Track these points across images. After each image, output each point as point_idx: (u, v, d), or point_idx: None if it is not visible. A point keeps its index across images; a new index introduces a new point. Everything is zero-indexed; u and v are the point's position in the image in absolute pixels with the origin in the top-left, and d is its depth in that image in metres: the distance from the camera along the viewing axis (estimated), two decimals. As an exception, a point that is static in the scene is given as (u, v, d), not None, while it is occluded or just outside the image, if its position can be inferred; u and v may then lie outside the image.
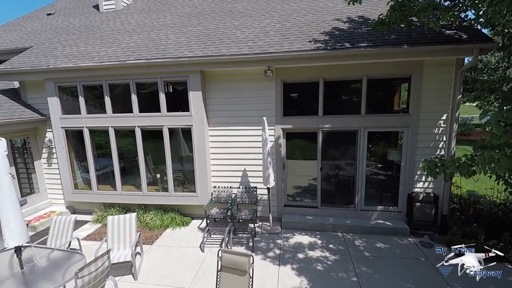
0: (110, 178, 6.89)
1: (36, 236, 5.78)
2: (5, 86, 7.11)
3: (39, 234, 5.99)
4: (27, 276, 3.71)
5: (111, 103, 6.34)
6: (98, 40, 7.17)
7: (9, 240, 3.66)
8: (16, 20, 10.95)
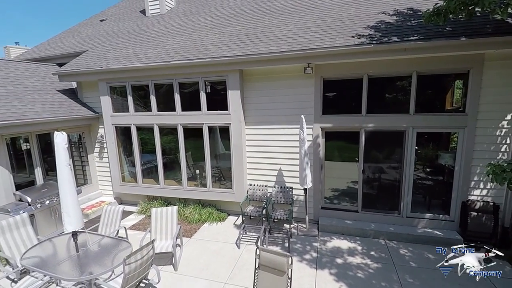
0: (154, 173, 7.30)
1: (88, 223, 6.33)
2: (65, 86, 7.90)
3: (91, 221, 6.56)
4: (81, 259, 4.05)
5: (156, 102, 6.69)
6: (145, 42, 7.63)
7: (68, 225, 4.06)
8: (74, 26, 12.15)
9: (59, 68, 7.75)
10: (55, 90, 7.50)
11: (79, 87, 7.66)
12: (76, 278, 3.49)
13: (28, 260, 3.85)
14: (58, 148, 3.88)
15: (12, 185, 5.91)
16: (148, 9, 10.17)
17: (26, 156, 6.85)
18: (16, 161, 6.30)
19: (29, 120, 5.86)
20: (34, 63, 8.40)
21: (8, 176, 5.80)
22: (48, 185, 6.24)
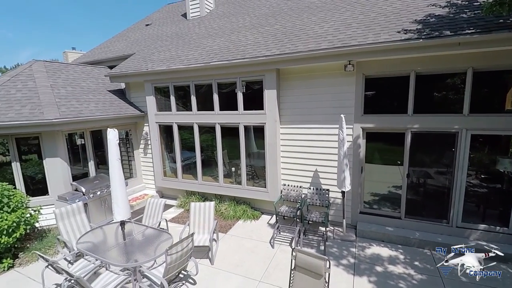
0: (192, 169, 7.62)
1: (133, 214, 6.82)
2: (115, 86, 8.59)
3: (135, 212, 7.05)
4: (127, 246, 4.37)
5: (196, 102, 6.97)
6: (186, 44, 7.98)
7: (117, 215, 4.41)
8: (123, 31, 13.16)
9: (110, 70, 8.44)
10: (107, 90, 8.19)
11: (127, 88, 8.28)
12: (124, 264, 3.78)
13: (82, 245, 4.26)
14: (110, 144, 4.24)
15: (70, 176, 6.59)
16: (189, 12, 10.62)
17: (81, 150, 7.60)
18: (73, 155, 7.00)
19: (85, 117, 6.49)
20: (89, 66, 9.26)
21: (67, 168, 6.48)
22: (100, 177, 6.85)
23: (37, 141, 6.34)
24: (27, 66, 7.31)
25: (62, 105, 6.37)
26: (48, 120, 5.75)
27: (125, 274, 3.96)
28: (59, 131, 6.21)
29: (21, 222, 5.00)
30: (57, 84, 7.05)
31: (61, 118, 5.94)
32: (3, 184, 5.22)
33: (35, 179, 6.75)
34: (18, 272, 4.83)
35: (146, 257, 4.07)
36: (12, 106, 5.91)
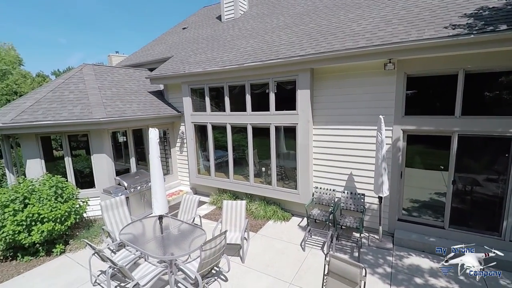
0: (224, 167, 7.80)
1: (169, 209, 7.11)
2: (155, 88, 9.09)
3: (171, 207, 7.39)
4: (164, 240, 4.60)
5: (229, 102, 7.11)
6: (221, 47, 8.18)
7: (156, 209, 4.66)
8: (161, 35, 13.86)
9: (150, 72, 8.96)
10: (147, 91, 8.70)
11: (166, 89, 8.72)
12: (162, 257, 3.98)
13: (124, 236, 4.57)
14: (151, 142, 4.50)
15: (114, 171, 7.12)
16: (224, 14, 10.87)
17: (123, 147, 8.17)
18: (115, 151, 7.55)
19: (128, 117, 6.96)
20: (131, 69, 9.91)
21: (111, 164, 7.01)
22: (140, 173, 7.30)
23: (86, 138, 6.95)
24: (78, 69, 8.04)
25: (108, 105, 6.91)
26: (96, 119, 6.28)
27: (162, 266, 4.17)
28: (105, 129, 6.74)
29: (72, 212, 5.52)
30: (103, 86, 7.66)
31: (107, 117, 6.44)
32: (58, 177, 5.79)
33: (83, 173, 7.40)
34: (68, 257, 5.33)
35: (181, 251, 4.26)
36: (66, 106, 6.54)
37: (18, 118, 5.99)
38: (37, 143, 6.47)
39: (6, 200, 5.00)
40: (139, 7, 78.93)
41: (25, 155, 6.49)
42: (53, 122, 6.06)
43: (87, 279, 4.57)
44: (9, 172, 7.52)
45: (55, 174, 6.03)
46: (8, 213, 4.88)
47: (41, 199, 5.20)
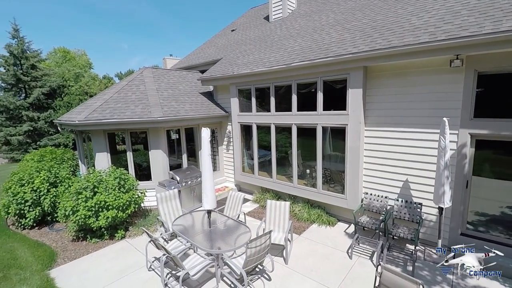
0: (267, 167, 7.86)
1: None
2: (205, 89, 9.57)
3: (217, 203, 7.67)
4: (212, 234, 4.82)
5: (274, 103, 7.13)
6: (268, 47, 8.24)
7: (205, 204, 4.90)
8: (211, 38, 14.50)
9: (201, 74, 9.45)
10: (198, 92, 9.20)
11: (215, 90, 9.12)
12: (209, 250, 4.18)
13: (176, 227, 4.91)
14: (203, 141, 4.75)
15: (168, 166, 7.69)
16: (272, 14, 10.91)
17: (176, 144, 8.77)
18: (169, 148, 8.14)
19: (181, 116, 7.45)
20: (184, 71, 10.57)
21: (166, 159, 7.58)
22: (190, 169, 7.76)
23: (145, 135, 7.63)
24: (139, 72, 8.85)
25: (164, 106, 7.48)
26: (154, 118, 6.85)
27: (210, 259, 4.38)
28: (161, 127, 7.32)
29: (132, 202, 6.11)
30: (161, 88, 8.32)
31: (164, 116, 6.98)
32: (121, 169, 6.47)
33: (141, 166, 8.15)
34: (127, 242, 5.93)
35: (227, 246, 4.43)
36: (129, 106, 7.26)
37: (90, 116, 6.84)
38: (104, 138, 7.32)
39: (80, 188, 5.76)
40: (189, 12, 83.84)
41: (94, 149, 7.39)
42: (118, 120, 6.79)
43: (143, 264, 5.02)
44: (81, 163, 8.66)
45: (118, 166, 6.75)
46: (81, 199, 5.61)
47: (107, 188, 5.87)
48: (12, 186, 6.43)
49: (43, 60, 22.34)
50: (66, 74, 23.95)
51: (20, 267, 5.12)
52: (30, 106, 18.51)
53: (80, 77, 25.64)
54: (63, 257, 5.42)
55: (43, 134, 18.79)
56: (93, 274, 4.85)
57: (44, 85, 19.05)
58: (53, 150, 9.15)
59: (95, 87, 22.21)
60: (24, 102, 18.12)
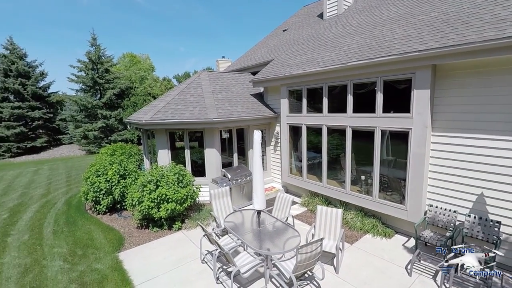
0: (316, 169, 7.66)
1: (263, 204, 7.58)
2: (255, 90, 9.75)
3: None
4: (261, 234, 4.89)
5: (327, 104, 6.90)
6: (322, 46, 8.00)
7: (256, 204, 5.00)
8: (263, 39, 14.68)
9: (252, 76, 9.64)
10: (249, 94, 9.42)
11: (265, 91, 9.22)
12: (259, 250, 4.24)
13: (227, 223, 5.11)
14: (255, 143, 4.86)
15: (220, 163, 8.05)
16: (326, 11, 10.56)
17: (227, 143, 9.12)
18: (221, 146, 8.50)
19: (234, 118, 7.72)
20: (237, 73, 10.92)
21: (219, 157, 7.95)
22: (241, 167, 8.01)
23: (200, 134, 8.11)
24: (197, 75, 9.43)
25: (219, 107, 7.85)
26: (210, 119, 7.24)
27: (259, 259, 4.45)
28: (216, 128, 7.70)
29: (189, 196, 6.56)
30: (216, 90, 8.74)
31: (219, 118, 7.33)
32: (180, 166, 6.99)
33: (197, 163, 8.68)
34: (183, 234, 6.38)
35: (276, 248, 4.45)
36: (188, 108, 7.79)
37: (155, 116, 7.53)
38: (166, 136, 7.99)
39: (145, 181, 6.39)
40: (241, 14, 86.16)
41: (157, 145, 8.12)
42: (178, 121, 7.34)
43: (197, 256, 5.36)
44: (145, 158, 9.59)
45: (176, 162, 7.31)
46: (146, 192, 6.23)
47: (168, 183, 6.40)
48: (90, 176, 7.45)
49: (115, 64, 25.36)
50: (133, 77, 26.84)
51: (95, 247, 5.91)
52: (104, 105, 21.21)
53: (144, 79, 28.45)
54: (129, 242, 6.10)
55: (113, 130, 21.37)
56: (153, 260, 5.34)
57: (115, 87, 21.64)
58: (122, 146, 10.34)
59: (156, 88, 24.40)
60: (99, 102, 20.85)
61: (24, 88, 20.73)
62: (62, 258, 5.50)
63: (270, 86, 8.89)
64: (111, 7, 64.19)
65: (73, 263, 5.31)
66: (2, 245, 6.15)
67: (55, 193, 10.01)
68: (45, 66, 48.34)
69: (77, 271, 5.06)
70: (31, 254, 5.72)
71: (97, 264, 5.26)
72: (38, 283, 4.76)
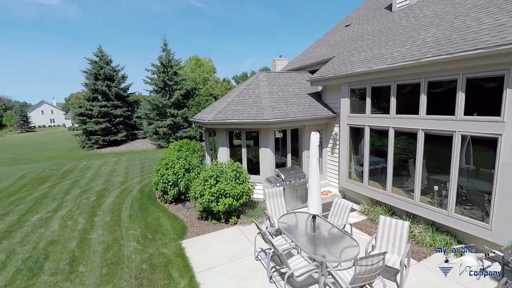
0: (379, 176, 7.09)
1: (318, 208, 7.37)
2: (313, 90, 9.49)
3: (320, 206, 7.58)
4: (315, 239, 4.76)
5: (395, 104, 6.31)
6: (391, 41, 7.33)
7: (311, 208, 4.89)
8: (322, 36, 14.18)
9: (310, 75, 9.42)
10: (306, 93, 9.24)
11: (324, 90, 8.91)
12: (315, 256, 4.12)
13: (281, 224, 5.12)
14: (312, 145, 4.75)
15: (274, 163, 8.11)
16: (395, 2, 9.63)
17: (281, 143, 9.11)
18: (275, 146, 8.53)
19: (290, 118, 7.68)
20: (294, 73, 10.81)
21: (273, 157, 8.02)
22: (294, 168, 7.93)
23: (256, 134, 8.29)
24: (255, 76, 9.65)
25: (275, 108, 7.90)
26: (266, 120, 7.35)
27: (314, 265, 4.35)
28: (271, 128, 7.78)
29: (244, 193, 6.79)
30: (272, 90, 8.82)
31: (274, 118, 7.39)
32: (237, 163, 7.28)
33: (252, 161, 8.91)
34: (238, 229, 6.63)
35: (332, 256, 4.28)
36: (246, 108, 8.05)
37: (216, 117, 7.99)
38: (226, 135, 8.41)
39: (207, 176, 6.84)
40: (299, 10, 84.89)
41: (218, 143, 8.60)
42: (237, 121, 7.65)
43: (250, 252, 5.51)
44: (207, 154, 10.26)
45: (234, 159, 7.64)
46: (207, 186, 6.67)
47: (226, 179, 6.74)
48: (160, 168, 8.31)
49: (182, 67, 27.72)
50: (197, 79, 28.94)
51: (163, 233, 6.58)
52: (172, 105, 23.39)
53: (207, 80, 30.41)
54: (191, 231, 6.62)
55: (180, 127, 23.43)
56: (211, 251, 5.70)
57: (181, 88, 23.66)
58: (188, 142, 11.27)
59: (217, 89, 25.82)
60: (168, 102, 23.08)
61: (109, 89, 24.29)
62: (135, 240, 6.28)
63: (329, 85, 8.56)
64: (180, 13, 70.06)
65: (144, 246, 6.02)
66: (91, 223, 7.34)
67: (131, 182, 11.49)
68: (125, 70, 55.98)
69: (147, 253, 5.73)
70: (112, 233, 6.69)
71: (164, 249, 5.86)
72: (116, 259, 5.54)
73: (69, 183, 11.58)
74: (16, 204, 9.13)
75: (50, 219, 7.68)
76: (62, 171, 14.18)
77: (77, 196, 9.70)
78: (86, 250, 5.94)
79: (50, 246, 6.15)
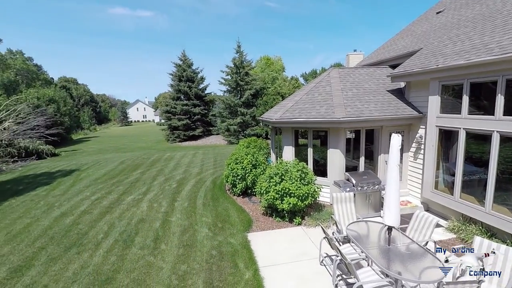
0: (475, 188, 5.93)
1: (393, 218, 6.64)
2: (394, 86, 8.54)
3: (395, 217, 6.81)
4: (389, 253, 4.29)
5: (502, 103, 5.15)
6: (498, 28, 6.01)
7: (387, 219, 4.42)
8: (407, 26, 12.60)
9: (391, 70, 8.50)
10: (386, 90, 8.38)
11: (407, 87, 7.92)
12: (390, 272, 3.71)
13: (350, 232, 4.80)
14: (392, 149, 4.26)
15: (344, 166, 7.65)
16: (509, -21, 7.83)
17: (353, 145, 8.53)
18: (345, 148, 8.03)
19: (364, 117, 7.10)
20: (372, 68, 9.93)
21: (343, 159, 7.57)
22: (367, 173, 7.32)
23: (324, 133, 7.97)
24: (327, 73, 9.26)
25: (348, 106, 7.43)
26: (337, 119, 6.97)
27: (387, 281, 3.94)
28: (342, 128, 7.35)
29: (310, 194, 6.62)
30: (345, 87, 8.31)
31: (347, 117, 6.95)
32: (303, 163, 7.15)
33: (318, 163, 8.62)
34: (302, 230, 6.52)
35: (409, 274, 3.80)
36: (314, 107, 7.81)
37: (283, 115, 8.00)
38: (291, 134, 8.36)
39: (272, 174, 6.94)
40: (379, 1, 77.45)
41: (283, 142, 8.62)
42: (304, 120, 7.50)
43: (315, 256, 5.35)
44: (272, 152, 10.41)
45: (299, 159, 7.52)
46: (272, 183, 6.76)
47: (291, 178, 6.70)
48: (231, 163, 8.82)
49: (253, 68, 28.76)
50: (266, 78, 29.59)
51: (231, 223, 6.98)
52: (242, 104, 24.55)
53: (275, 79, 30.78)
54: (256, 225, 6.84)
55: (248, 125, 24.45)
56: (275, 248, 5.77)
57: (251, 88, 24.60)
58: (255, 140, 11.68)
59: (285, 88, 25.86)
60: (239, 101, 24.31)
61: (190, 89, 27.12)
62: (207, 227, 6.84)
63: (414, 81, 7.56)
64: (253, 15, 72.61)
65: (215, 233, 6.51)
66: (172, 207, 8.31)
67: (205, 173, 12.55)
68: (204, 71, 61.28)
69: (217, 240, 6.17)
70: (188, 218, 7.44)
71: (231, 239, 6.21)
72: (190, 242, 6.13)
73: (156, 171, 13.38)
74: (116, 185, 11.04)
75: (141, 201, 9.03)
76: (151, 160, 16.49)
77: (161, 183, 11.14)
78: (167, 230, 6.77)
79: (140, 224, 7.23)
